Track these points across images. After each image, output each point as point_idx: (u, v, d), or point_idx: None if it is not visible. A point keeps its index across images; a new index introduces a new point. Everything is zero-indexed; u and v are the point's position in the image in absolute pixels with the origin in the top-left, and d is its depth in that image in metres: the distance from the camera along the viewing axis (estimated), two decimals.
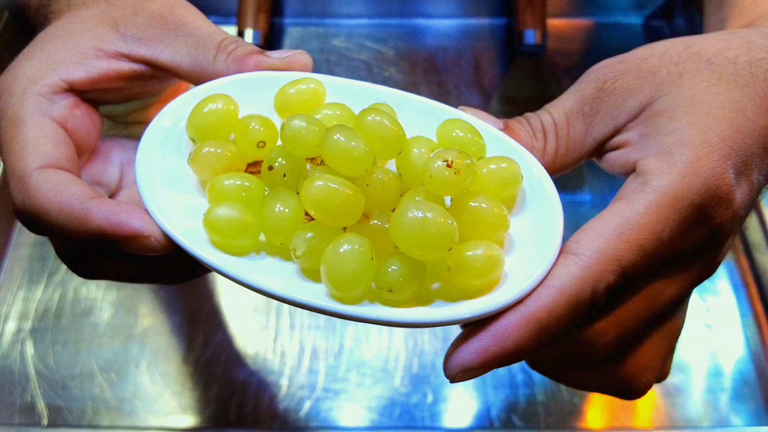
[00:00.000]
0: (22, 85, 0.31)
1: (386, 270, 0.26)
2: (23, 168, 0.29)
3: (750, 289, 0.56)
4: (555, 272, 0.26)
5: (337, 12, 0.73)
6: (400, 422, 0.49)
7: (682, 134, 0.28)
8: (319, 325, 0.53)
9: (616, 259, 0.26)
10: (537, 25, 0.67)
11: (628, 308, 0.28)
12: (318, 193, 0.26)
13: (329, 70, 0.69)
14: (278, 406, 0.49)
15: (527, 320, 0.25)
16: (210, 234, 0.27)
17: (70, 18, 0.33)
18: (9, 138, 0.30)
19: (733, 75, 0.30)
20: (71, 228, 0.28)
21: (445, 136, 0.30)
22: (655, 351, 0.30)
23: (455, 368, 0.26)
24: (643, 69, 0.31)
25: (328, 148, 0.27)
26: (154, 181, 0.28)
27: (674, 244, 0.27)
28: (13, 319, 0.53)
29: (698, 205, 0.27)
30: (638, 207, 0.27)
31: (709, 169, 0.27)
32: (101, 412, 0.49)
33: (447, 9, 0.73)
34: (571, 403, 0.50)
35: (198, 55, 0.31)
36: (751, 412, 0.50)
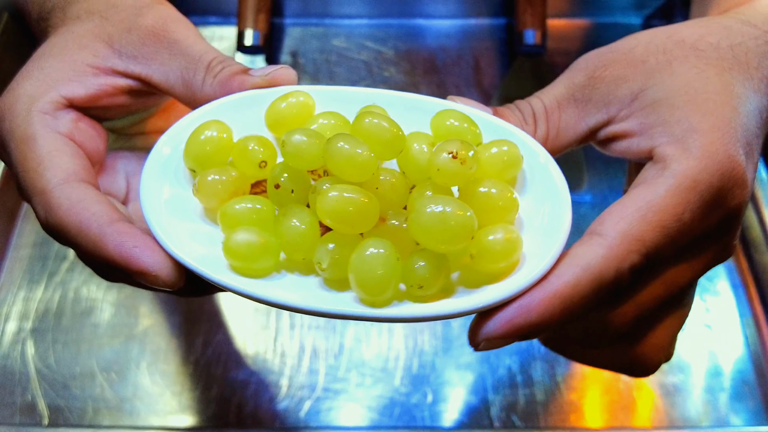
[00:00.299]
0: (24, 105, 0.31)
1: (413, 267, 0.27)
2: (44, 184, 0.29)
3: (749, 289, 0.56)
4: (579, 251, 0.27)
5: (337, 12, 0.73)
6: (400, 422, 0.49)
7: (690, 122, 0.29)
8: (319, 325, 0.53)
9: (639, 240, 0.27)
10: (537, 25, 0.67)
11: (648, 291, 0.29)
12: (334, 204, 0.26)
13: (329, 70, 0.69)
14: (278, 406, 0.50)
15: (551, 296, 0.26)
16: (232, 260, 0.28)
17: (65, 34, 0.33)
18: (22, 157, 0.30)
19: (718, 59, 0.31)
20: (87, 249, 0.28)
21: (440, 127, 0.30)
22: (667, 332, 0.31)
23: (480, 337, 0.26)
24: (631, 58, 0.32)
25: (333, 157, 0.27)
26: (161, 214, 0.28)
27: (694, 226, 0.28)
28: (14, 319, 0.53)
29: (716, 187, 0.28)
30: (659, 190, 0.27)
31: (723, 152, 0.28)
32: (102, 411, 0.49)
33: (447, 9, 0.73)
34: (571, 402, 0.50)
35: (188, 77, 0.32)
36: (751, 412, 0.50)
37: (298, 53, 0.71)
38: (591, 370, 0.51)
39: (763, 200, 0.57)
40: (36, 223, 0.58)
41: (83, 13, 0.35)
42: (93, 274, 0.55)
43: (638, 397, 0.50)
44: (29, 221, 0.58)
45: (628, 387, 0.51)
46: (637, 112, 0.30)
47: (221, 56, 0.32)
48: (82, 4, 0.35)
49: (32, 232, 0.58)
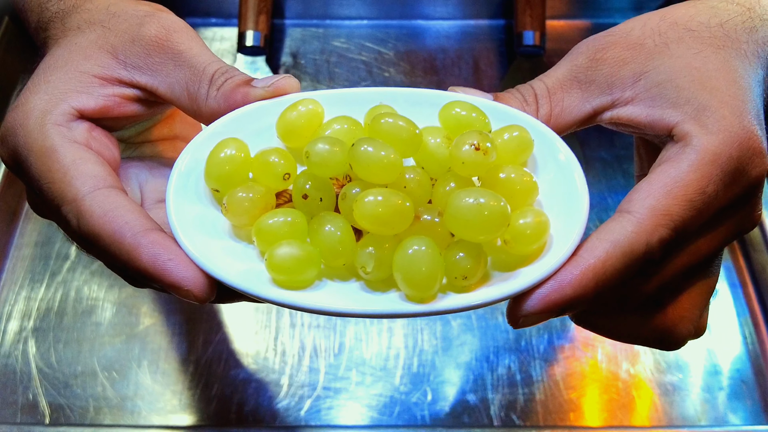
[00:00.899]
0: (37, 119, 0.31)
1: (455, 260, 0.27)
2: (74, 193, 0.29)
3: (747, 289, 0.56)
4: (609, 228, 0.28)
5: (338, 13, 0.73)
6: (399, 421, 0.49)
7: (699, 101, 0.30)
8: (319, 324, 0.54)
9: (667, 215, 0.28)
10: (536, 27, 0.67)
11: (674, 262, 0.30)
12: (372, 208, 0.27)
13: (329, 70, 0.69)
14: (279, 405, 0.50)
15: (583, 270, 0.27)
16: (276, 275, 0.28)
17: (68, 46, 0.33)
18: (45, 168, 0.30)
19: (710, 38, 0.32)
20: (121, 258, 0.28)
21: (450, 119, 0.30)
22: (693, 302, 0.32)
23: (521, 314, 0.27)
24: (629, 41, 0.33)
25: (360, 162, 0.28)
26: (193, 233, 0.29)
27: (719, 197, 0.29)
28: (16, 318, 0.53)
29: (736, 158, 0.29)
30: (683, 166, 0.28)
31: (737, 125, 0.29)
32: (103, 410, 0.49)
33: (446, 11, 0.74)
34: (570, 401, 0.50)
35: (193, 89, 0.32)
36: (749, 411, 0.50)
37: (299, 54, 0.71)
38: (590, 370, 0.52)
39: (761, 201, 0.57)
40: (37, 222, 0.58)
41: (84, 23, 0.34)
42: (94, 274, 0.55)
43: (637, 396, 0.51)
44: (31, 221, 0.59)
45: (627, 386, 0.51)
46: (643, 94, 0.31)
47: (224, 67, 0.32)
48: (82, 15, 0.35)
49: (34, 231, 0.58)
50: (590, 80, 0.32)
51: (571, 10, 0.74)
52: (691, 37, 0.32)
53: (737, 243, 0.58)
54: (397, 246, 0.27)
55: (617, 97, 0.32)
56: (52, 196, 0.30)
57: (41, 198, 0.31)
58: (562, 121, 0.32)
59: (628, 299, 0.31)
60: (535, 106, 0.32)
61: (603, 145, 0.63)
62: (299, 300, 0.27)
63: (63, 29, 0.35)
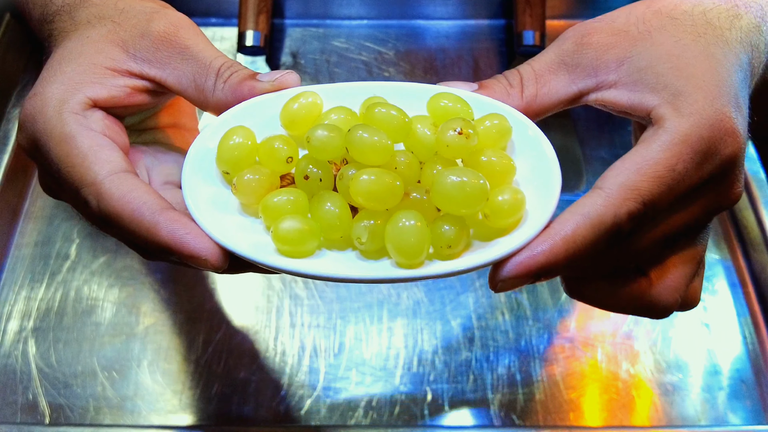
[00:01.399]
0: (54, 107, 0.33)
1: (441, 231, 0.30)
2: (93, 176, 0.32)
3: (747, 288, 0.56)
4: (581, 202, 0.30)
5: (338, 13, 0.73)
6: (399, 420, 0.49)
7: (675, 86, 0.32)
8: (319, 323, 0.54)
9: (634, 189, 0.30)
10: (536, 27, 0.67)
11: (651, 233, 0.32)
12: (367, 186, 0.30)
13: (329, 70, 0.69)
14: (279, 405, 0.50)
15: (555, 240, 0.29)
16: (281, 245, 0.31)
17: (80, 39, 0.35)
18: (64, 154, 0.32)
19: (692, 26, 0.34)
20: (140, 235, 0.31)
21: (437, 108, 0.34)
22: (678, 273, 0.34)
23: (498, 278, 0.30)
24: (614, 27, 0.35)
25: (356, 145, 0.31)
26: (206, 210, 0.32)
27: (689, 174, 0.31)
28: (16, 318, 0.53)
29: (707, 139, 0.31)
30: (654, 146, 0.31)
31: (710, 108, 0.31)
32: (103, 410, 0.49)
33: (446, 10, 0.74)
34: (570, 401, 0.50)
35: (200, 82, 0.34)
36: (749, 411, 0.50)
37: (299, 54, 0.71)
38: (590, 369, 0.52)
39: (761, 200, 0.57)
40: (38, 222, 0.58)
41: (93, 18, 0.36)
42: (94, 274, 0.55)
43: (637, 396, 0.51)
44: (31, 220, 0.59)
45: (627, 386, 0.51)
46: (625, 78, 0.33)
47: (229, 61, 0.35)
48: (91, 9, 0.37)
49: (34, 231, 0.58)
50: (576, 64, 0.34)
51: (571, 10, 0.74)
52: (673, 25, 0.34)
53: (737, 243, 0.58)
54: (388, 219, 0.31)
55: (602, 80, 0.34)
56: (72, 180, 0.32)
57: (59, 181, 0.33)
58: (548, 100, 0.34)
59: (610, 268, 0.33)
60: (519, 89, 0.35)
61: (603, 145, 0.63)
62: (301, 267, 0.30)
63: (72, 23, 0.37)
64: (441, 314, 0.54)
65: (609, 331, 0.54)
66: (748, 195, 0.58)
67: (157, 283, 0.55)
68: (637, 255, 0.33)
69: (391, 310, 0.54)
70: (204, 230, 0.30)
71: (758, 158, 0.60)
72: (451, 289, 0.56)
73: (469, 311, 0.54)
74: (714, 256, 0.58)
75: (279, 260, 0.30)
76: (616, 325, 0.54)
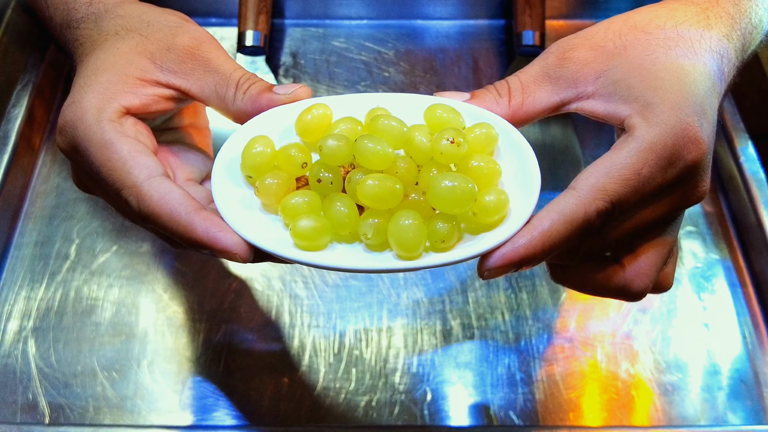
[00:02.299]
0: (93, 115, 0.37)
1: (436, 228, 0.35)
2: (133, 180, 0.36)
3: (747, 289, 0.56)
4: (557, 201, 0.34)
5: (337, 13, 0.74)
6: (399, 420, 0.49)
7: (645, 98, 0.36)
8: (318, 324, 0.54)
9: (603, 190, 0.34)
10: (536, 27, 0.67)
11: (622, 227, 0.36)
12: (372, 190, 0.35)
13: (329, 70, 0.70)
14: (279, 404, 0.50)
15: (533, 235, 0.33)
16: (298, 241, 0.35)
17: (110, 50, 0.39)
18: (105, 158, 0.36)
19: (664, 39, 0.38)
20: (177, 232, 0.35)
21: (432, 118, 0.38)
22: (649, 261, 0.38)
23: (485, 268, 0.34)
24: (593, 43, 0.38)
25: (362, 153, 0.35)
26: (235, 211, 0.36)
27: (654, 178, 0.35)
28: (16, 318, 0.53)
29: (671, 146, 0.34)
30: (623, 153, 0.34)
31: (674, 118, 0.35)
32: (103, 410, 0.49)
33: (446, 11, 0.74)
34: (570, 401, 0.50)
35: (221, 92, 0.38)
36: (749, 411, 0.50)
37: (299, 54, 0.71)
38: (589, 369, 0.52)
39: (761, 201, 0.57)
40: (37, 222, 0.58)
41: (122, 30, 0.40)
42: (94, 274, 0.55)
43: (637, 396, 0.51)
44: (31, 221, 0.59)
45: (627, 386, 0.51)
46: (601, 90, 0.37)
47: (247, 74, 0.39)
48: (117, 21, 0.41)
49: (34, 231, 0.58)
50: (558, 76, 0.38)
51: (571, 11, 0.74)
52: (646, 39, 0.38)
53: (737, 244, 0.59)
54: (390, 218, 0.35)
55: (581, 91, 0.38)
56: (113, 182, 0.36)
57: (98, 181, 0.37)
58: (533, 108, 0.38)
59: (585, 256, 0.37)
60: (507, 98, 0.38)
61: (603, 145, 0.63)
62: (316, 259, 0.34)
63: (100, 32, 0.41)
64: (441, 314, 0.54)
65: (608, 331, 0.54)
66: (748, 196, 0.58)
67: (156, 284, 0.55)
68: (610, 245, 0.37)
69: (391, 310, 0.55)
70: (232, 227, 0.34)
71: (758, 158, 0.60)
72: (451, 288, 0.56)
73: (469, 311, 0.55)
74: (714, 256, 0.58)
75: (297, 253, 0.35)
76: (615, 325, 0.54)
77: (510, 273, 0.35)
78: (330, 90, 0.68)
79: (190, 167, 0.41)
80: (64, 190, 0.60)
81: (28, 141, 0.62)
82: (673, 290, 0.56)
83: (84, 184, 0.41)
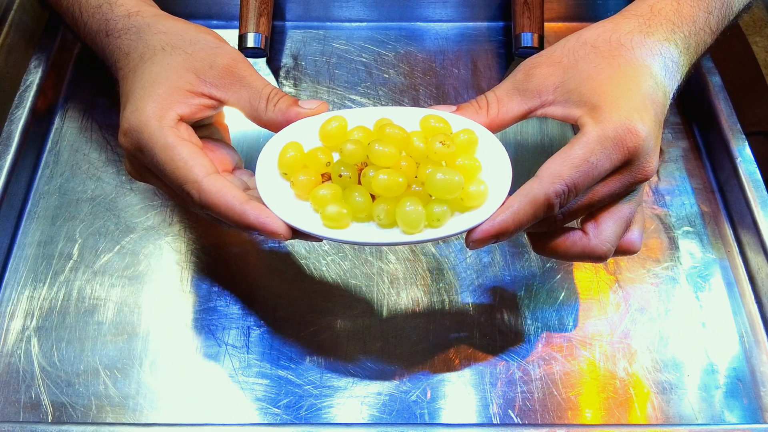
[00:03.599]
0: (155, 123, 0.45)
1: (432, 211, 0.44)
2: (195, 177, 0.44)
3: (743, 287, 0.57)
4: (524, 186, 0.44)
5: (338, 16, 0.74)
6: (399, 419, 0.50)
7: (593, 102, 0.45)
8: (319, 323, 0.54)
9: (558, 175, 0.43)
10: (534, 29, 0.68)
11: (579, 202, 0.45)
12: (382, 182, 0.44)
13: (330, 72, 0.70)
14: (279, 403, 0.50)
15: (505, 214, 0.43)
16: (326, 222, 0.44)
17: (161, 65, 0.47)
18: (169, 159, 0.44)
19: (608, 51, 0.47)
20: (232, 219, 0.44)
21: (427, 125, 0.47)
22: (609, 229, 0.46)
23: (470, 239, 0.44)
24: (552, 60, 0.48)
25: (374, 153, 0.45)
26: (275, 201, 0.45)
27: (600, 163, 0.43)
28: (19, 318, 0.54)
29: (613, 138, 0.43)
30: (576, 146, 0.44)
31: (616, 116, 0.44)
32: (105, 408, 0.50)
33: (446, 13, 0.74)
34: (568, 399, 0.51)
35: (254, 104, 0.47)
36: (746, 409, 0.51)
37: (299, 56, 0.72)
38: (588, 368, 0.52)
39: (757, 200, 0.58)
40: (40, 222, 0.59)
41: (168, 46, 0.48)
42: (96, 274, 0.56)
43: (634, 395, 0.51)
44: (34, 220, 0.59)
45: (625, 385, 0.51)
46: (559, 98, 0.47)
47: (275, 89, 0.48)
48: (161, 37, 0.49)
49: (36, 231, 0.58)
50: (525, 89, 0.47)
51: (570, 13, 0.75)
52: (594, 53, 0.47)
53: (733, 243, 0.59)
54: (397, 203, 0.44)
55: (544, 100, 0.47)
56: (175, 178, 0.44)
57: (161, 176, 0.46)
58: (507, 116, 0.48)
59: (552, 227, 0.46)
60: (486, 109, 0.48)
61: None
62: (341, 236, 0.44)
63: (146, 46, 0.49)
64: (441, 314, 0.55)
65: (606, 331, 0.54)
66: (744, 196, 0.59)
67: (158, 283, 0.56)
68: (573, 215, 0.46)
69: (391, 309, 0.55)
70: (276, 213, 0.43)
71: (754, 159, 0.60)
72: (450, 288, 0.56)
73: (469, 310, 0.55)
74: (711, 255, 0.59)
75: (326, 231, 0.44)
76: (613, 325, 0.54)
77: (491, 243, 0.44)
78: (330, 91, 0.69)
79: (224, 159, 0.49)
80: (66, 191, 0.61)
81: (31, 142, 0.62)
82: (670, 290, 0.56)
83: (141, 174, 0.49)
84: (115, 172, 0.62)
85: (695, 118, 0.68)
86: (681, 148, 0.66)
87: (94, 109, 0.67)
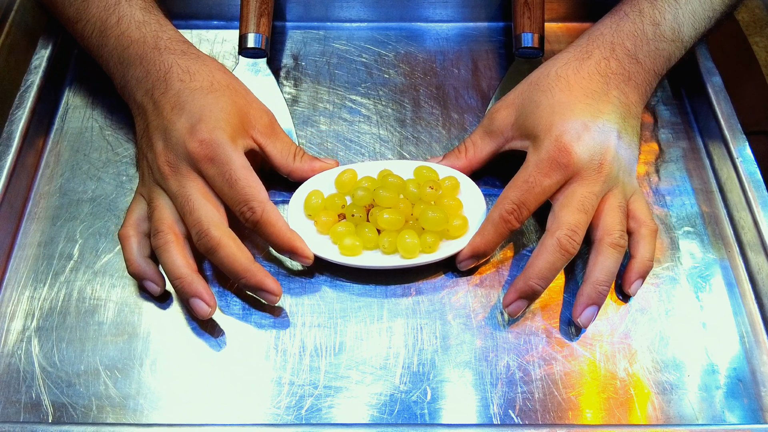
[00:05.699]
0: (232, 146, 0.53)
1: (426, 240, 0.55)
2: (262, 198, 0.53)
3: (744, 288, 0.57)
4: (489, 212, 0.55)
5: (338, 16, 0.74)
6: (399, 419, 0.50)
7: (536, 134, 0.55)
8: (320, 323, 0.54)
9: (507, 197, 0.54)
10: (535, 29, 0.68)
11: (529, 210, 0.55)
12: (387, 219, 0.56)
13: (330, 72, 0.70)
14: (280, 403, 0.50)
15: (476, 239, 0.55)
16: (343, 251, 0.55)
17: (229, 101, 0.56)
18: (244, 177, 0.53)
19: (547, 85, 0.56)
20: (280, 239, 0.53)
21: (419, 174, 0.59)
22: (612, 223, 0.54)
23: (457, 260, 0.56)
24: (507, 103, 0.58)
25: (380, 198, 0.57)
26: (304, 234, 0.55)
27: (539, 181, 0.53)
28: (19, 318, 0.54)
29: (547, 159, 0.53)
30: (520, 172, 0.54)
31: (548, 140, 0.54)
32: (105, 409, 0.50)
33: (446, 13, 0.74)
34: (568, 400, 0.51)
35: (284, 156, 0.58)
36: (746, 409, 0.51)
37: (300, 56, 0.72)
38: (588, 370, 0.52)
39: (758, 201, 0.58)
40: (41, 222, 0.59)
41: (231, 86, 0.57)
42: (96, 274, 0.56)
43: (635, 395, 0.51)
44: (34, 221, 0.59)
45: (625, 385, 0.51)
46: (515, 134, 0.57)
47: (298, 147, 0.60)
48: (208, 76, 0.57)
49: (37, 231, 0.58)
50: (491, 131, 0.58)
51: (570, 13, 0.75)
52: (537, 90, 0.57)
53: (734, 243, 0.59)
54: (398, 235, 0.55)
55: (505, 137, 0.58)
56: (245, 194, 0.52)
57: (227, 187, 0.53)
58: (481, 155, 0.59)
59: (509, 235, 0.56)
60: (464, 154, 0.59)
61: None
62: (354, 262, 0.55)
63: (190, 76, 0.56)
64: (441, 314, 0.55)
65: (607, 331, 0.54)
66: (744, 196, 0.59)
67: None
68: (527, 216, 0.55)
69: (391, 309, 0.55)
70: (307, 244, 0.55)
71: (754, 159, 0.60)
72: (450, 289, 0.56)
73: (469, 311, 0.55)
74: (711, 256, 0.59)
75: (342, 258, 0.55)
76: (614, 325, 0.54)
77: (477, 263, 0.56)
78: (331, 91, 0.69)
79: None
80: (67, 191, 0.61)
81: (32, 142, 0.62)
82: (670, 290, 0.56)
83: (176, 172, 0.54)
84: (115, 173, 0.62)
85: (695, 118, 0.68)
86: (681, 148, 0.66)
87: (94, 110, 0.67)
